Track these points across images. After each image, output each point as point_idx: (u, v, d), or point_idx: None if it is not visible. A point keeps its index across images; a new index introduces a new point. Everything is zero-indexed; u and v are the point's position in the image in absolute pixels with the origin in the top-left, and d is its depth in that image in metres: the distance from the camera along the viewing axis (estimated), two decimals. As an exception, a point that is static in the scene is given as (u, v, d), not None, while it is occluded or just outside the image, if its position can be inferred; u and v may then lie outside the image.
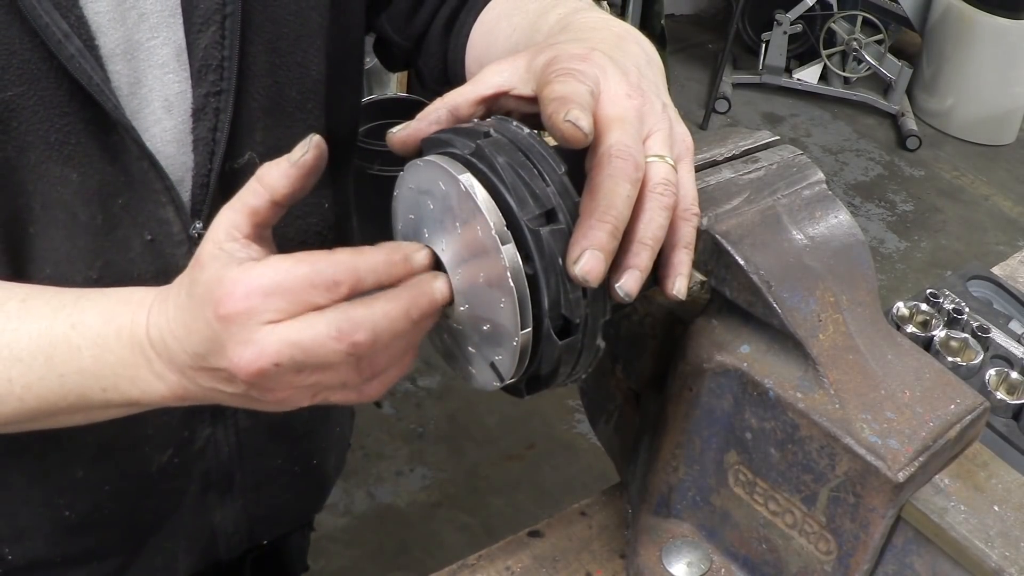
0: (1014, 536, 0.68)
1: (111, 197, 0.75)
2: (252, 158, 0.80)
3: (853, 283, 0.75)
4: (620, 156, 0.57)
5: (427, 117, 0.64)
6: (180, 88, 0.75)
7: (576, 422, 2.71)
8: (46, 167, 0.71)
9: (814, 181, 0.79)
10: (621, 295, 0.57)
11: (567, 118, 0.56)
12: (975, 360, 1.02)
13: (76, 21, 0.68)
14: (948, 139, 4.34)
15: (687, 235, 0.63)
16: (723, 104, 4.23)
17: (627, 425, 0.91)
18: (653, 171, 0.60)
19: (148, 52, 0.73)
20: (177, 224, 0.78)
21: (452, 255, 0.60)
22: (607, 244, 0.55)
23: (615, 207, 0.56)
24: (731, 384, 0.75)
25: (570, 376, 0.63)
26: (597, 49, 0.63)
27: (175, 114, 0.76)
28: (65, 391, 0.64)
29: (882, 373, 0.72)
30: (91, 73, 0.68)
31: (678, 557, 0.82)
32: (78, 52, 0.67)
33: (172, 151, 0.76)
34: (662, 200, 0.59)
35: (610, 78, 0.61)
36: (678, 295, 0.61)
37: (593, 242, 0.55)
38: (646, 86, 0.63)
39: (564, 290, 0.57)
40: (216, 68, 0.75)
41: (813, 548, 0.74)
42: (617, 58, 0.63)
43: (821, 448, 0.70)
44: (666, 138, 0.62)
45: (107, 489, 0.88)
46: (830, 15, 4.22)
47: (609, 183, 0.56)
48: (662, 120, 0.62)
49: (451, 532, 2.39)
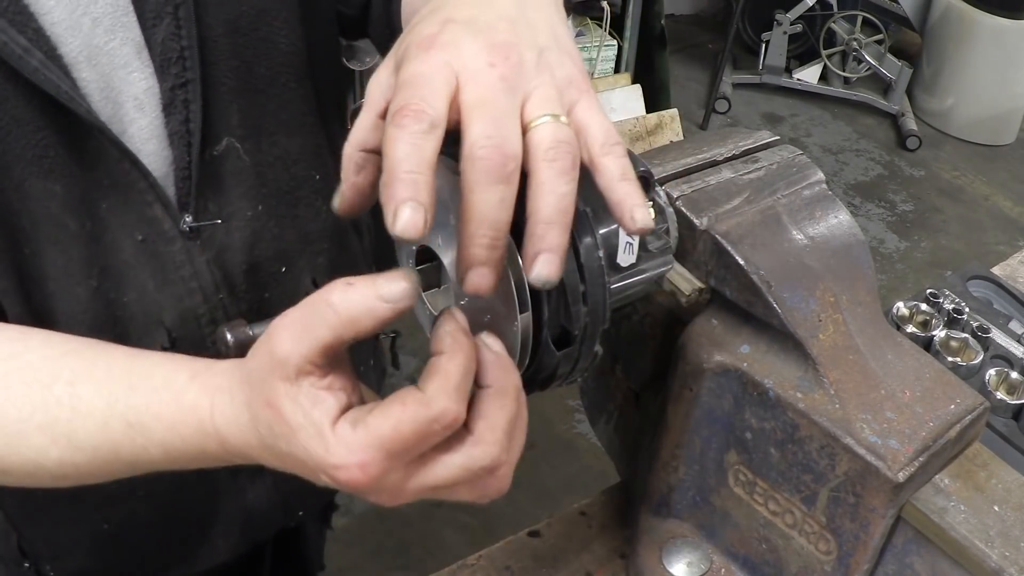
0: (1014, 536, 0.68)
1: (96, 202, 0.74)
2: (231, 143, 0.79)
3: (853, 283, 0.75)
4: (482, 155, 0.51)
5: (348, 170, 0.58)
6: (147, 84, 0.74)
7: (576, 422, 2.70)
8: (29, 184, 0.71)
9: (814, 181, 0.79)
10: (540, 284, 0.52)
11: (396, 221, 0.49)
12: (975, 360, 1.02)
13: (34, 34, 0.67)
14: (948, 139, 4.34)
15: (617, 168, 0.55)
16: (723, 104, 4.23)
17: (627, 425, 0.91)
18: (538, 137, 0.53)
19: (109, 55, 0.72)
20: (167, 221, 0.77)
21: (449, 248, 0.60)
22: (490, 257, 0.51)
23: (487, 218, 0.51)
24: (731, 384, 0.75)
25: (567, 379, 0.63)
26: (451, 20, 0.56)
27: (147, 111, 0.75)
28: (136, 470, 0.64)
29: (882, 373, 0.72)
30: (58, 83, 0.67)
31: (678, 557, 0.82)
32: (41, 64, 0.66)
33: (151, 148, 0.76)
34: (555, 166, 0.52)
35: (464, 53, 0.54)
36: (642, 225, 0.54)
37: (473, 261, 0.51)
38: (517, 36, 0.56)
39: (565, 301, 0.57)
40: (177, 60, 0.74)
41: (813, 548, 0.74)
42: (477, 19, 0.56)
43: (821, 448, 0.70)
44: (548, 93, 0.55)
45: (140, 494, 0.87)
46: (830, 15, 4.22)
47: (476, 192, 0.51)
48: (540, 73, 0.55)
49: (451, 532, 2.39)
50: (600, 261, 0.58)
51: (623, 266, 0.63)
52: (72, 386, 0.62)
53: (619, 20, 3.51)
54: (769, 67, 4.35)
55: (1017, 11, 4.03)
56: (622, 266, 0.63)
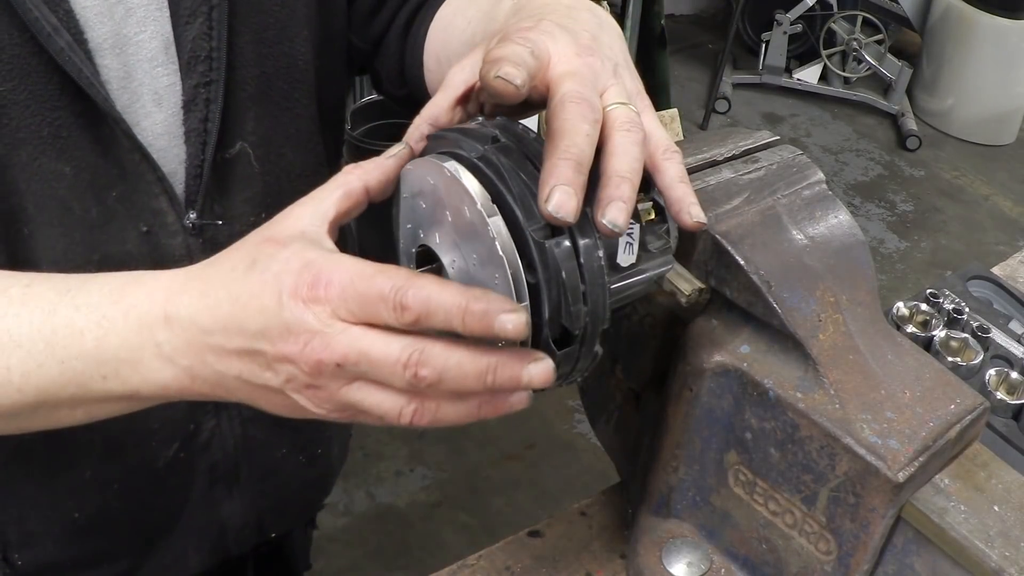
0: (1014, 536, 0.68)
1: (105, 189, 0.75)
2: (244, 148, 0.81)
3: (853, 283, 0.75)
4: (574, 101, 0.58)
5: (412, 137, 0.64)
6: (169, 81, 0.76)
7: (576, 422, 2.71)
8: (39, 163, 0.72)
9: (814, 181, 0.79)
10: (609, 227, 0.56)
11: (498, 74, 0.57)
12: (975, 360, 1.02)
13: (65, 15, 0.68)
14: (948, 139, 4.34)
15: (676, 171, 0.63)
16: (723, 104, 4.23)
17: (627, 425, 0.91)
18: (615, 115, 0.60)
19: (137, 46, 0.73)
20: (171, 215, 0.78)
21: (447, 246, 0.61)
22: (574, 179, 0.55)
23: (575, 144, 0.56)
24: (731, 384, 0.75)
25: (567, 379, 0.63)
26: (546, 19, 0.64)
27: (165, 107, 0.76)
28: (65, 380, 0.62)
29: (882, 373, 0.72)
30: (81, 66, 0.69)
31: (678, 557, 0.82)
32: (67, 46, 0.68)
33: (163, 144, 0.77)
34: (630, 136, 0.59)
35: (559, 41, 0.62)
36: (700, 221, 0.62)
37: (560, 179, 0.54)
38: (598, 48, 0.64)
39: (565, 301, 0.57)
40: (205, 59, 0.75)
41: (813, 548, 0.74)
42: (567, 25, 0.64)
43: (821, 448, 0.70)
44: (622, 91, 0.62)
45: (115, 488, 0.88)
46: (830, 15, 4.22)
47: (567, 124, 0.57)
48: (615, 77, 0.63)
49: (451, 532, 2.39)
50: (600, 261, 0.58)
51: (623, 266, 0.63)
52: (29, 287, 0.63)
53: (619, 20, 3.51)
54: (769, 67, 4.35)
55: (1017, 11, 4.03)
56: (622, 266, 0.63)
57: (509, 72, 0.57)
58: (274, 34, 0.81)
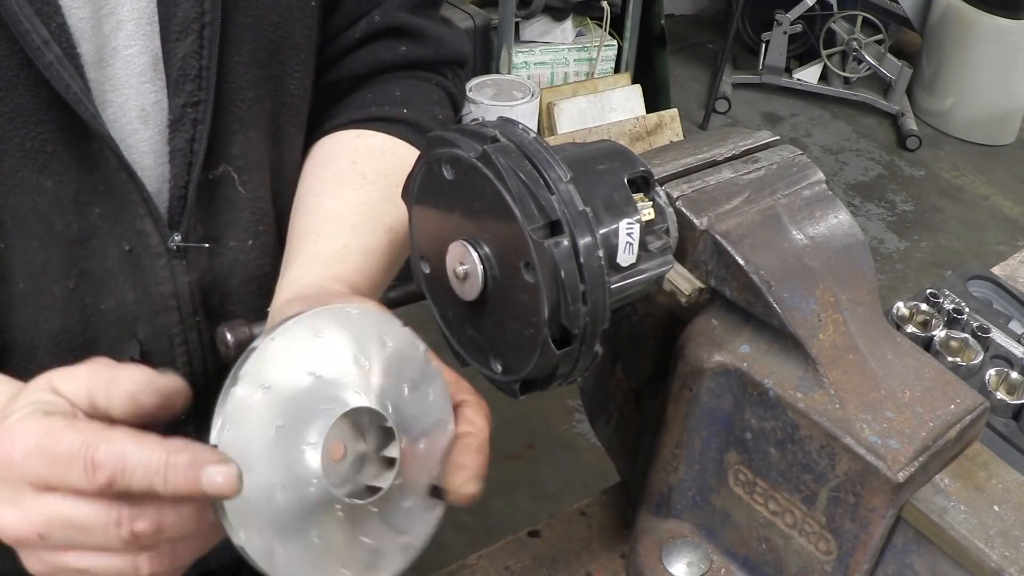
0: (1014, 536, 0.68)
1: (88, 206, 0.73)
2: (227, 170, 0.79)
3: (853, 283, 0.75)
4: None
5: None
6: (156, 98, 0.74)
7: (576, 422, 2.71)
8: (20, 175, 0.70)
9: (814, 181, 0.79)
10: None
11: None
12: (975, 360, 1.02)
13: (57, 28, 0.67)
14: (948, 139, 4.34)
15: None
16: (723, 104, 4.23)
17: (627, 425, 0.91)
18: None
19: (125, 61, 0.72)
20: (155, 236, 0.76)
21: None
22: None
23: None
24: (731, 384, 0.75)
25: (567, 379, 0.63)
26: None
27: (151, 124, 0.74)
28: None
29: (882, 373, 0.72)
30: (69, 81, 0.67)
31: (678, 557, 0.82)
32: (56, 60, 0.66)
33: (149, 162, 0.75)
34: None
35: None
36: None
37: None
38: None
39: (564, 300, 0.57)
40: (194, 78, 0.73)
41: (813, 548, 0.74)
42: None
43: (821, 448, 0.70)
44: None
45: None
46: (830, 15, 4.22)
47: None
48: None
49: (451, 532, 2.39)
50: (600, 261, 0.58)
51: (623, 266, 0.63)
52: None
53: (619, 20, 3.51)
54: (769, 67, 4.35)
55: (1017, 11, 4.03)
56: (622, 266, 0.63)
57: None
58: (265, 56, 0.79)
